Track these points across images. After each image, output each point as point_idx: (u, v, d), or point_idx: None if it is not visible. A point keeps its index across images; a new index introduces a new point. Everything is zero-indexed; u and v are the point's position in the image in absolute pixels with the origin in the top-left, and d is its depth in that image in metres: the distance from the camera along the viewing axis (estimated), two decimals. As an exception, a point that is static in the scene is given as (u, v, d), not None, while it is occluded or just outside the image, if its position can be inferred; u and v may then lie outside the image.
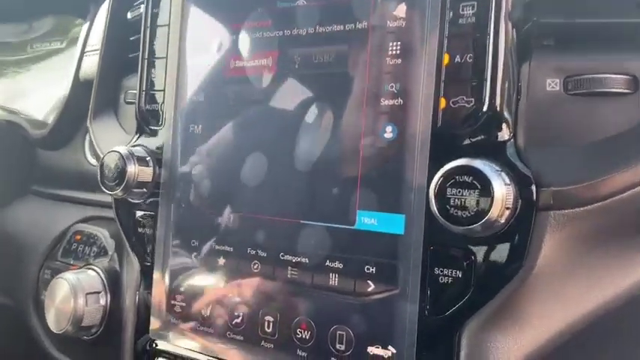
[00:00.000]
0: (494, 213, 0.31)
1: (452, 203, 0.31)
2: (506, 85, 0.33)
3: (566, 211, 0.32)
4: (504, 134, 0.33)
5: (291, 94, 0.40)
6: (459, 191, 0.31)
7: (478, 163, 0.31)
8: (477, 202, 0.31)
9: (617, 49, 0.34)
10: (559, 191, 0.32)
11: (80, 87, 0.63)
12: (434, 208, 0.32)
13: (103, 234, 0.55)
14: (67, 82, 0.65)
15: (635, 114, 0.33)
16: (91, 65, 0.62)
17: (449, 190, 0.32)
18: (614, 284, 0.34)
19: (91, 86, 0.57)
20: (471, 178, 0.31)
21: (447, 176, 0.32)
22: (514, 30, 0.34)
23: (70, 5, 0.71)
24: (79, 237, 0.57)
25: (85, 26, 0.66)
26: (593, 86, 0.34)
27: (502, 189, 0.31)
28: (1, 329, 0.66)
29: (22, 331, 0.59)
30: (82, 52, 0.64)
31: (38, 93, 0.75)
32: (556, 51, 0.35)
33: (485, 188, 0.31)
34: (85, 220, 0.58)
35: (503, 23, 0.33)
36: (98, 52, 0.57)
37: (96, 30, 0.63)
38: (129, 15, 0.53)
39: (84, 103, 0.57)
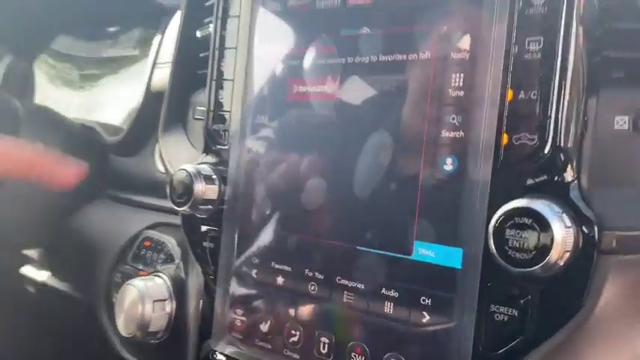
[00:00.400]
0: (553, 256, 0.30)
1: (510, 244, 0.31)
2: (572, 124, 0.33)
3: (629, 256, 0.31)
4: (568, 174, 0.32)
5: (352, 121, 0.41)
6: (518, 232, 0.31)
7: (538, 205, 0.31)
8: (536, 245, 0.30)
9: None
10: (623, 235, 0.31)
11: (152, 98, 0.66)
12: (492, 248, 0.32)
13: (170, 242, 0.58)
14: (139, 93, 0.69)
15: None
16: (161, 77, 0.65)
17: (508, 230, 0.31)
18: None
19: (162, 97, 0.59)
20: (530, 220, 0.31)
21: (506, 217, 0.31)
22: (583, 65, 0.33)
23: (142, 18, 0.74)
24: (148, 243, 0.60)
25: (157, 39, 0.69)
26: (666, 125, 0.32)
27: (562, 232, 0.30)
28: (72, 321, 0.71)
29: (92, 327, 0.63)
30: (154, 65, 0.67)
31: (114, 104, 0.80)
32: (626, 86, 0.34)
33: (545, 231, 0.30)
34: (153, 227, 0.61)
35: (571, 59, 0.32)
36: (168, 65, 0.60)
37: (166, 43, 0.66)
38: (198, 34, 0.55)
39: (155, 114, 0.60)
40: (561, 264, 0.31)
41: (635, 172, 0.33)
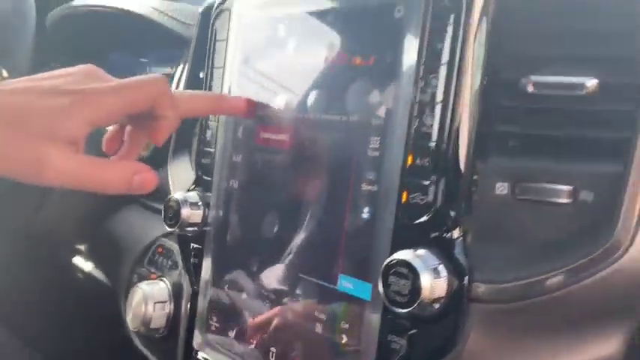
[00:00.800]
0: (423, 300, 0.37)
1: (392, 288, 0.38)
2: (458, 187, 0.38)
3: (495, 305, 0.37)
4: (453, 231, 0.38)
5: (299, 168, 0.48)
6: (397, 279, 0.37)
7: (413, 257, 0.37)
8: (410, 290, 0.37)
9: (564, 158, 0.37)
10: (491, 286, 0.37)
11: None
12: (380, 289, 0.39)
13: (176, 250, 0.67)
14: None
15: (573, 222, 0.37)
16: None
17: (391, 277, 0.38)
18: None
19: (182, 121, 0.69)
20: (406, 269, 0.37)
21: (389, 266, 0.38)
22: (471, 136, 0.39)
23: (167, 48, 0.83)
24: (160, 250, 0.70)
25: (179, 69, 0.78)
26: (539, 194, 0.37)
27: (429, 281, 0.36)
28: (106, 306, 0.83)
29: (115, 313, 0.74)
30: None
31: None
32: (509, 156, 0.39)
33: (416, 279, 0.37)
34: (167, 235, 0.71)
35: (463, 130, 0.38)
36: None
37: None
38: (201, 74, 0.64)
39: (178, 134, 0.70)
40: (436, 307, 0.37)
41: (514, 232, 0.39)
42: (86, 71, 0.43)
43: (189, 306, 0.59)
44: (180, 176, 0.64)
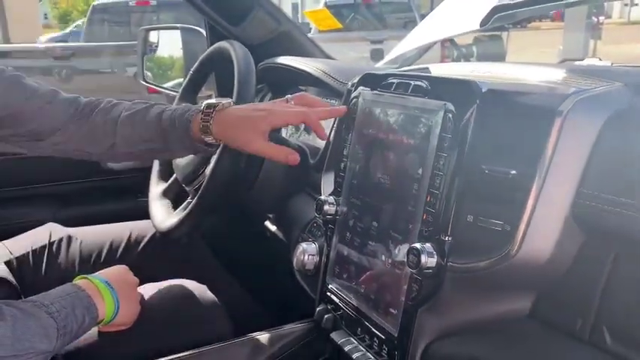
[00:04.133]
0: (422, 267, 0.78)
1: (410, 259, 0.79)
2: (448, 215, 0.78)
3: (457, 274, 0.77)
4: (444, 236, 0.79)
5: (391, 190, 0.91)
6: (412, 256, 0.79)
7: (420, 246, 0.78)
8: (415, 262, 0.78)
9: (501, 204, 0.75)
10: (456, 265, 0.77)
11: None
12: (405, 260, 0.80)
13: (319, 223, 1.14)
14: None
15: (498, 238, 0.74)
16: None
17: (410, 255, 0.79)
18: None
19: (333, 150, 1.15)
20: (416, 252, 0.78)
21: (409, 249, 0.79)
22: (456, 191, 0.78)
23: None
24: (315, 225, 1.17)
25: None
26: (487, 224, 0.76)
27: (425, 258, 0.77)
28: (280, 250, 1.32)
29: (287, 259, 1.22)
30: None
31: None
32: (473, 202, 0.77)
33: (419, 257, 0.78)
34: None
35: (452, 190, 0.78)
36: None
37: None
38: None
39: (330, 157, 1.16)
40: (430, 272, 0.78)
41: (472, 240, 0.77)
42: (270, 102, 1.00)
43: (326, 259, 1.05)
44: (327, 185, 1.10)
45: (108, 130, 1.09)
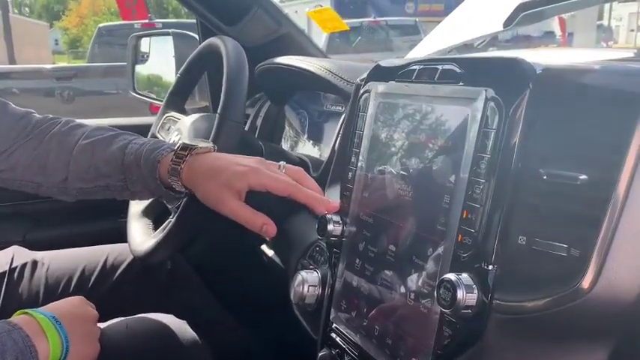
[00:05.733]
0: (458, 306, 0.58)
1: (442, 295, 0.60)
2: (492, 236, 0.59)
3: (507, 316, 0.57)
4: (488, 264, 0.59)
5: (402, 211, 0.72)
6: (445, 291, 0.59)
7: (455, 278, 0.58)
8: (450, 298, 0.58)
9: (563, 224, 0.55)
10: (505, 304, 0.57)
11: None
12: (435, 296, 0.61)
13: (327, 251, 0.95)
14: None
15: (562, 267, 0.55)
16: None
17: (441, 289, 0.60)
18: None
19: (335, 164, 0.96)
20: (449, 285, 0.59)
21: (440, 282, 0.60)
22: (502, 204, 0.58)
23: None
24: (317, 249, 0.97)
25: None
26: (545, 247, 0.56)
27: (463, 295, 0.57)
28: (276, 278, 1.13)
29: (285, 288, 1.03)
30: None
31: (325, 147, 1.19)
32: (526, 219, 0.58)
33: (455, 293, 0.58)
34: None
35: (496, 200, 0.59)
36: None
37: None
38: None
39: (333, 172, 0.97)
40: (469, 312, 0.58)
41: (525, 270, 0.58)
42: (259, 160, 0.80)
43: (329, 291, 0.86)
44: (331, 199, 0.91)
45: (62, 160, 0.92)
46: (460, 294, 0.58)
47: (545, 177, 0.57)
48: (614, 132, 0.53)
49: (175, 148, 0.88)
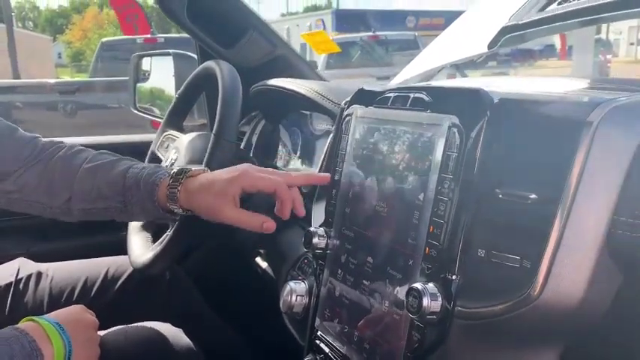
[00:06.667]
0: (423, 312, 0.64)
1: (410, 303, 0.66)
2: (456, 250, 0.65)
3: (468, 321, 0.63)
4: (451, 274, 0.65)
5: (381, 225, 0.78)
6: (413, 299, 0.65)
7: (421, 287, 0.65)
8: (417, 305, 0.64)
9: (516, 238, 0.62)
10: (465, 310, 0.63)
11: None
12: (404, 303, 0.67)
13: (314, 262, 1.01)
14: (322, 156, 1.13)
15: (515, 276, 0.61)
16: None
17: (409, 297, 0.66)
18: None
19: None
20: (416, 293, 0.65)
21: (409, 290, 0.66)
22: (465, 220, 0.65)
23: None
24: (305, 261, 1.04)
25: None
26: (501, 259, 0.63)
27: (428, 302, 0.64)
28: (268, 288, 1.19)
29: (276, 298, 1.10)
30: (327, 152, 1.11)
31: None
32: (484, 234, 0.64)
33: (420, 300, 0.64)
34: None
35: (460, 216, 0.65)
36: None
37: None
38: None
39: (320, 187, 1.03)
40: (434, 318, 0.64)
41: (485, 280, 0.64)
42: (247, 165, 0.88)
43: (315, 300, 0.92)
44: (318, 215, 0.97)
45: (66, 181, 0.99)
46: (426, 301, 0.64)
47: (501, 196, 0.63)
48: (559, 155, 0.59)
49: (172, 172, 0.96)
